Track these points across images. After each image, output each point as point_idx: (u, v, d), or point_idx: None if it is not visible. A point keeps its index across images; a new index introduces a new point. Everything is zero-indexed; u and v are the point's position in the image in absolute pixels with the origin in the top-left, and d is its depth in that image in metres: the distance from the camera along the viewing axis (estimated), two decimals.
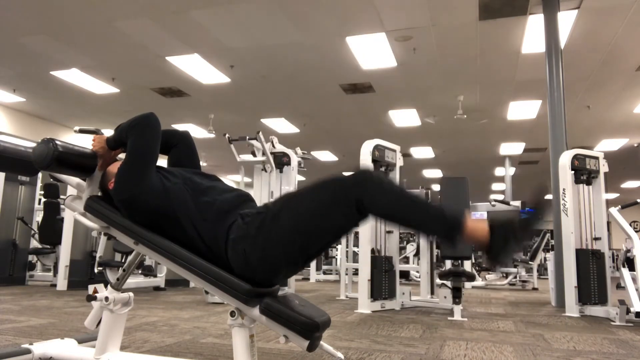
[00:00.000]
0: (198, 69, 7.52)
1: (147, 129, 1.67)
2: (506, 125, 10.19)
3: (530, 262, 8.12)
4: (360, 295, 4.17)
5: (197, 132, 10.81)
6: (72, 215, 3.51)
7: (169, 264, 1.57)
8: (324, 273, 9.34)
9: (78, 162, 1.73)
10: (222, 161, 14.06)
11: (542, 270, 11.25)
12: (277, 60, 7.17)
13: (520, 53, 6.69)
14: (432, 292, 5.24)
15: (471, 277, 4.07)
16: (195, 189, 1.63)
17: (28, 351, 1.80)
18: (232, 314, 1.48)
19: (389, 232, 4.60)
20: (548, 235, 8.22)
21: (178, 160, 1.89)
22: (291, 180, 5.29)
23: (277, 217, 1.47)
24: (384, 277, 4.32)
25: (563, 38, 5.83)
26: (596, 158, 4.57)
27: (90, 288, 1.76)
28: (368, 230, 4.29)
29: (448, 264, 6.33)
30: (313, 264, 8.55)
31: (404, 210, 1.43)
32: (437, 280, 5.35)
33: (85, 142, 1.86)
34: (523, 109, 9.09)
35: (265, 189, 5.27)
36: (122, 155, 1.75)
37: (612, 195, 18.22)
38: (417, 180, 13.17)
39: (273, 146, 5.33)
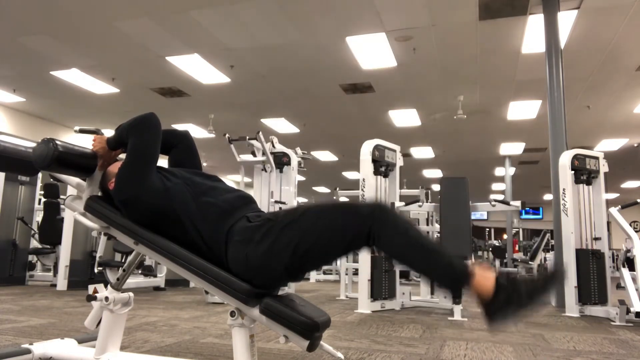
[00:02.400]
0: (198, 69, 7.52)
1: (148, 129, 1.67)
2: (506, 125, 10.19)
3: (530, 262, 8.13)
4: (360, 295, 4.17)
5: (197, 132, 10.80)
6: (72, 215, 3.51)
7: (169, 264, 1.57)
8: (324, 273, 9.34)
9: (78, 162, 1.73)
10: (222, 161, 14.05)
11: (542, 270, 11.23)
12: (277, 60, 7.17)
13: (520, 53, 6.69)
14: (432, 292, 5.23)
15: None
16: (196, 189, 1.63)
17: (28, 351, 1.80)
18: (232, 314, 1.48)
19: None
20: (548, 235, 8.23)
21: (178, 161, 1.89)
22: (291, 180, 5.29)
23: (286, 228, 1.45)
24: (384, 277, 4.32)
25: (563, 38, 5.83)
26: (596, 158, 4.57)
27: (90, 288, 1.76)
28: None
29: None
30: None
31: (413, 256, 1.41)
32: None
33: (85, 142, 1.86)
34: (523, 109, 9.09)
35: (265, 189, 5.27)
36: (122, 156, 1.75)
37: (612, 195, 18.21)
38: (417, 180, 13.15)
39: (273, 146, 5.33)
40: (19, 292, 5.09)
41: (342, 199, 5.96)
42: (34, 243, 6.43)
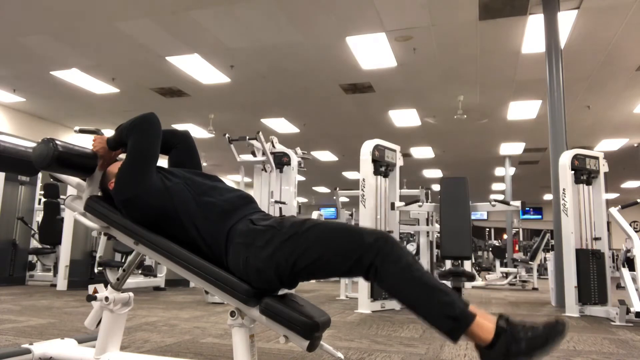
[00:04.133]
0: (198, 69, 7.52)
1: (148, 129, 1.67)
2: (506, 125, 10.19)
3: (530, 262, 8.13)
4: (360, 295, 4.17)
5: (197, 132, 10.80)
6: (72, 215, 3.51)
7: (169, 264, 1.57)
8: None
9: (78, 162, 1.72)
10: (222, 161, 14.05)
11: (542, 270, 11.25)
12: (277, 60, 7.17)
13: (520, 53, 6.69)
14: None
15: (471, 277, 4.07)
16: (196, 188, 1.63)
17: (28, 351, 1.80)
18: (232, 314, 1.48)
19: (389, 232, 4.59)
20: (548, 235, 8.23)
21: (179, 161, 1.89)
22: (291, 180, 5.29)
23: (289, 240, 1.45)
24: None
25: (563, 38, 5.83)
26: (596, 158, 4.57)
27: (90, 288, 1.76)
28: None
29: (448, 264, 6.33)
30: None
31: (412, 296, 1.36)
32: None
33: (85, 142, 1.86)
34: (523, 109, 9.09)
35: (265, 189, 5.26)
36: (122, 156, 1.75)
37: (612, 195, 18.21)
38: (417, 180, 13.15)
39: (273, 146, 5.33)
40: (19, 292, 5.09)
41: (342, 199, 5.95)
42: (34, 243, 6.44)
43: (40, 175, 5.97)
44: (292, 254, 1.42)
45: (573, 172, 4.47)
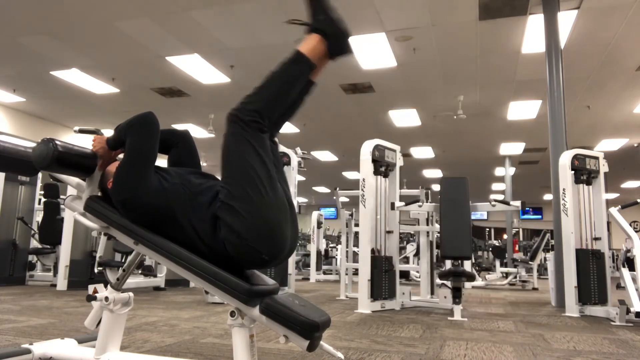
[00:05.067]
0: (198, 69, 7.52)
1: (145, 129, 1.66)
2: (506, 125, 10.19)
3: (530, 262, 8.13)
4: (360, 295, 4.17)
5: (197, 132, 10.81)
6: (72, 215, 3.51)
7: (169, 264, 1.57)
8: (324, 273, 9.34)
9: (78, 162, 1.72)
10: None
11: (542, 270, 11.26)
12: (277, 60, 7.03)
13: (520, 53, 6.69)
14: (432, 292, 5.23)
15: (471, 277, 4.07)
16: (193, 189, 1.62)
17: (28, 351, 1.80)
18: (232, 314, 1.48)
19: (389, 232, 4.60)
20: (548, 235, 8.23)
21: (178, 160, 1.89)
22: (291, 180, 5.29)
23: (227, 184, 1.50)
24: (384, 277, 4.32)
25: (563, 38, 5.83)
26: (596, 158, 4.57)
27: (90, 288, 1.76)
28: (368, 230, 4.29)
29: (448, 264, 6.33)
30: (313, 265, 8.55)
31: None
32: (437, 280, 5.35)
33: (85, 142, 1.86)
34: (523, 109, 9.09)
35: None
36: (122, 156, 1.75)
37: (612, 195, 18.21)
38: (417, 180, 13.15)
39: None
40: (19, 292, 5.09)
41: (342, 199, 5.96)
42: (34, 243, 6.43)
43: (40, 175, 5.97)
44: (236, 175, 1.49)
45: (573, 172, 4.47)
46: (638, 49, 6.55)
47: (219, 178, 1.77)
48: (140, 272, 5.47)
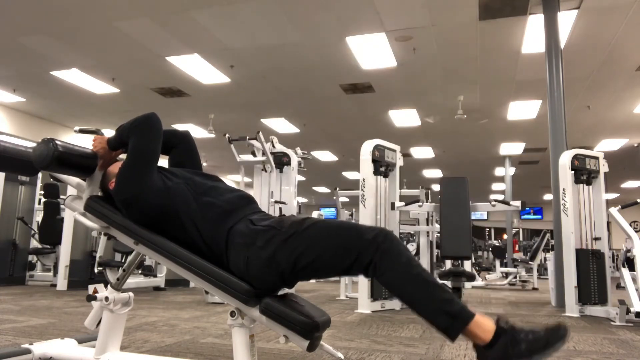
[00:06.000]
0: (198, 69, 7.52)
1: (149, 129, 1.67)
2: (506, 125, 10.19)
3: (530, 262, 8.13)
4: (360, 295, 4.17)
5: (197, 132, 10.80)
6: (72, 215, 3.51)
7: (169, 264, 1.57)
8: None
9: (78, 162, 1.72)
10: (222, 161, 14.05)
11: (542, 270, 11.25)
12: (277, 60, 7.17)
13: (520, 53, 6.68)
14: None
15: (471, 277, 4.08)
16: (197, 189, 1.63)
17: (28, 351, 1.80)
18: (232, 314, 1.48)
19: None
20: (548, 235, 8.23)
21: (179, 161, 1.89)
22: (291, 180, 5.29)
23: (290, 239, 1.45)
24: None
25: (563, 38, 5.83)
26: (596, 158, 4.57)
27: (90, 288, 1.76)
28: None
29: (448, 264, 6.34)
30: None
31: (412, 292, 1.35)
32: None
33: (86, 142, 1.86)
34: (523, 109, 9.08)
35: (265, 189, 5.26)
36: (122, 156, 1.75)
37: (612, 195, 18.20)
38: (417, 180, 13.15)
39: (273, 146, 5.33)
40: (19, 292, 5.09)
41: (342, 199, 5.95)
42: (34, 243, 6.43)
43: (40, 175, 5.97)
44: (293, 253, 1.42)
45: (573, 172, 4.47)
46: (638, 49, 6.55)
47: (221, 179, 1.78)
48: (140, 272, 5.47)
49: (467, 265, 6.10)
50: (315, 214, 9.10)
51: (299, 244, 1.43)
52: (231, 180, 17.22)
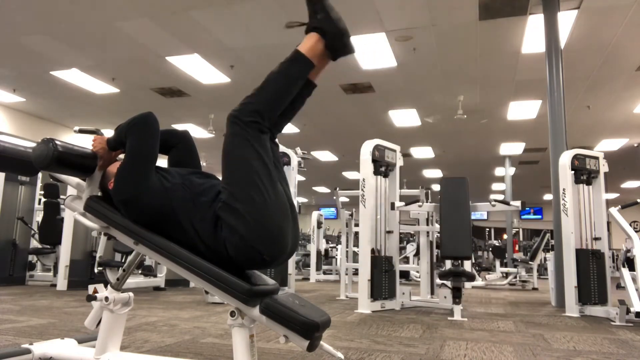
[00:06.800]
0: (198, 69, 7.52)
1: (145, 129, 1.66)
2: (506, 125, 10.19)
3: (530, 262, 8.12)
4: (360, 295, 4.17)
5: (197, 132, 10.81)
6: (72, 215, 3.51)
7: (169, 264, 1.57)
8: (324, 273, 9.34)
9: (78, 162, 1.72)
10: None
11: (542, 270, 11.26)
12: (277, 60, 7.06)
13: (520, 53, 6.69)
14: (432, 292, 5.24)
15: (471, 277, 4.07)
16: (195, 189, 1.63)
17: (28, 351, 1.80)
18: (232, 314, 1.48)
19: (389, 232, 4.60)
20: (548, 235, 8.23)
21: (178, 160, 1.89)
22: (291, 180, 5.28)
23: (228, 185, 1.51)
24: (384, 277, 4.32)
25: (563, 38, 5.83)
26: (596, 158, 4.57)
27: (90, 288, 1.76)
28: (368, 230, 4.29)
29: (448, 264, 6.33)
30: (313, 265, 8.55)
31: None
32: (437, 280, 5.35)
33: (85, 142, 1.86)
34: (523, 109, 9.09)
35: None
36: (122, 156, 1.75)
37: (612, 195, 18.21)
38: (417, 180, 13.15)
39: None
40: (19, 292, 5.09)
41: (342, 199, 5.95)
42: (34, 243, 6.43)
43: (40, 175, 5.97)
44: (241, 183, 1.49)
45: (573, 172, 4.47)
46: (638, 49, 6.55)
47: (220, 178, 1.77)
48: (140, 272, 5.47)
49: (467, 265, 6.09)
50: (314, 215, 9.10)
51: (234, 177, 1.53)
52: None
